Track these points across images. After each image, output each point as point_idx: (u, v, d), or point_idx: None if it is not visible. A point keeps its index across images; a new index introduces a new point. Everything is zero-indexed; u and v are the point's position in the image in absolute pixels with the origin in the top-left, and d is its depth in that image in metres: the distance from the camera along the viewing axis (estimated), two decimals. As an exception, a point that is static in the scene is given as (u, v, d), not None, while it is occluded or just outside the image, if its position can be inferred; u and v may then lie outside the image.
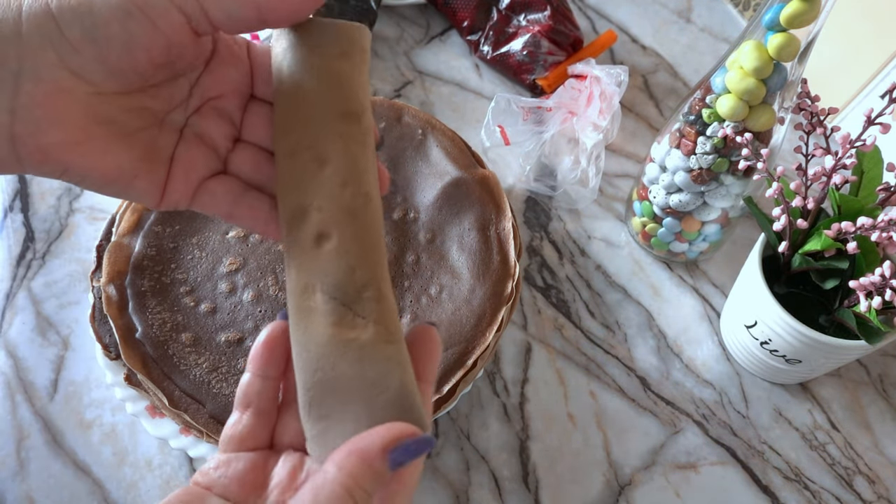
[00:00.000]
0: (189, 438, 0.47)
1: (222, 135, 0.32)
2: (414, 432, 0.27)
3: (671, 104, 0.68)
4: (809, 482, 0.50)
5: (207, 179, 0.31)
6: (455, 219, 0.55)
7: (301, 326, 0.28)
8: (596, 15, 0.74)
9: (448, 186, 0.56)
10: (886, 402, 0.54)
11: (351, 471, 0.26)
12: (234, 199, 0.31)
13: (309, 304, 0.28)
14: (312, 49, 0.29)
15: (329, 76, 0.29)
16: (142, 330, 0.49)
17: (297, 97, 0.29)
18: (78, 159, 0.26)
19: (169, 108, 0.30)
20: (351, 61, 0.29)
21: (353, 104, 0.29)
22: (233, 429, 0.30)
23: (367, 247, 0.29)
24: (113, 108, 0.27)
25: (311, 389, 0.28)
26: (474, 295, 0.51)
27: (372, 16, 0.68)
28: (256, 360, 0.30)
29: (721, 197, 0.51)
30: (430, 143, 0.58)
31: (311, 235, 0.28)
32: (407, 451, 0.27)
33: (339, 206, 0.28)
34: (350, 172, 0.29)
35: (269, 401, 0.30)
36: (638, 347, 0.55)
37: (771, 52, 0.42)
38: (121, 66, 0.26)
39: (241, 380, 0.30)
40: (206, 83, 0.31)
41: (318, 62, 0.29)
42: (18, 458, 0.49)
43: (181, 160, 0.30)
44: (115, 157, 0.27)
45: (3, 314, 0.55)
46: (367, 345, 0.28)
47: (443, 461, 0.50)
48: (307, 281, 0.28)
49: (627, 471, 0.50)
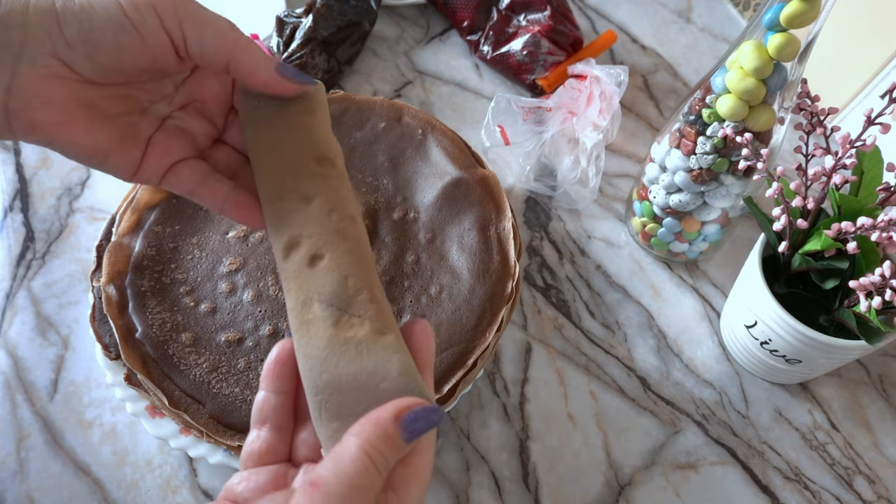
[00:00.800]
0: (189, 438, 0.47)
1: (203, 132, 0.35)
2: (420, 402, 0.29)
3: (671, 104, 0.68)
4: (809, 482, 0.50)
5: (178, 162, 0.34)
6: (455, 219, 0.55)
7: (304, 338, 0.30)
8: (596, 15, 0.74)
9: (448, 186, 0.56)
10: (886, 402, 0.54)
11: (368, 437, 0.28)
12: (198, 179, 0.34)
13: (308, 316, 0.30)
14: (280, 108, 0.33)
15: (301, 130, 0.33)
16: (142, 330, 0.49)
17: (276, 149, 0.33)
18: (62, 135, 0.30)
19: (153, 99, 0.34)
20: (316, 116, 0.34)
21: (326, 150, 0.33)
22: (252, 445, 0.31)
23: (358, 260, 0.31)
24: (97, 95, 0.31)
25: (319, 392, 0.29)
26: (474, 295, 0.51)
27: (372, 16, 0.68)
28: (269, 377, 0.32)
29: (721, 197, 0.51)
30: (430, 143, 0.58)
31: (305, 259, 0.31)
32: (417, 419, 0.28)
33: (328, 230, 0.31)
34: (334, 201, 0.32)
35: (285, 416, 0.32)
36: (638, 347, 0.55)
37: (771, 52, 0.42)
38: (108, 66, 0.30)
39: (256, 398, 0.32)
40: (191, 87, 0.35)
41: (289, 119, 0.33)
42: (18, 457, 0.49)
43: (158, 144, 0.34)
44: (95, 137, 0.31)
45: (3, 314, 0.55)
46: (363, 339, 0.29)
47: (443, 461, 0.50)
48: (305, 296, 0.30)
49: (627, 471, 0.50)
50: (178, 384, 0.47)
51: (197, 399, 0.47)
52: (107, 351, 0.49)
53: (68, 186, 0.61)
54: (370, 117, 0.60)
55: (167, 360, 0.48)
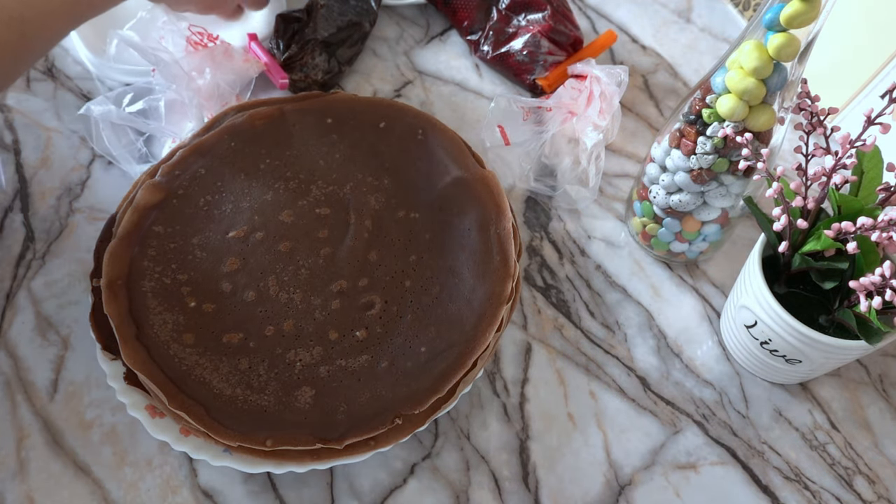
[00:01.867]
0: (190, 438, 0.47)
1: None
2: None
3: (671, 104, 0.68)
4: (809, 482, 0.50)
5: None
6: (455, 219, 0.55)
7: None
8: (596, 15, 0.74)
9: (448, 186, 0.56)
10: (886, 402, 0.54)
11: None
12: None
13: None
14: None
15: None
16: (142, 331, 0.49)
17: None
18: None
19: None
20: None
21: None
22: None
23: None
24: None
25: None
26: (474, 295, 0.51)
27: (372, 16, 0.68)
28: None
29: (721, 197, 0.51)
30: (430, 142, 0.58)
31: None
32: None
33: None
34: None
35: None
36: (638, 347, 0.55)
37: (771, 52, 0.42)
38: None
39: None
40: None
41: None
42: (18, 457, 0.49)
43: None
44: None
45: (3, 314, 0.55)
46: None
47: (443, 461, 0.50)
48: None
49: (627, 471, 0.50)
50: (178, 385, 0.47)
51: (198, 399, 0.47)
52: (107, 351, 0.49)
53: (68, 186, 0.61)
54: (371, 117, 0.60)
55: (168, 360, 0.48)
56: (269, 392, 0.47)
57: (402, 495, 0.49)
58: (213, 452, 0.46)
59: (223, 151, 0.57)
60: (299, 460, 0.46)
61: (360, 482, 0.49)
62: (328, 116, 0.59)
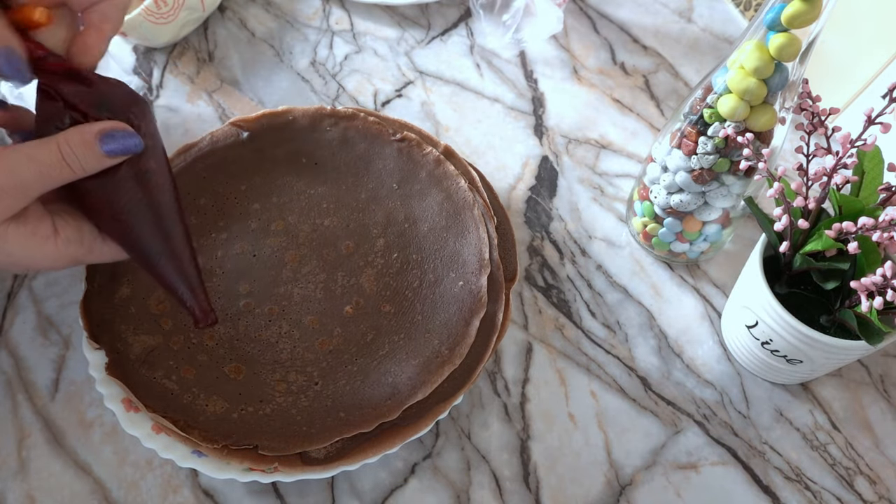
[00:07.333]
0: (160, 437, 0.46)
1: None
2: (124, 127, 0.36)
3: (672, 104, 0.68)
4: (810, 482, 0.50)
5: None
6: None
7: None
8: (596, 14, 0.74)
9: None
10: (887, 402, 0.53)
11: (66, 136, 0.35)
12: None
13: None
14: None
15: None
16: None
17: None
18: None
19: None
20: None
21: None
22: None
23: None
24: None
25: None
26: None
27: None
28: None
29: (722, 197, 0.51)
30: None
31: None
32: (116, 138, 0.36)
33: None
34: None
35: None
36: (639, 347, 0.55)
37: (772, 52, 0.42)
38: None
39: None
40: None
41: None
42: (19, 457, 0.49)
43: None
44: None
45: (4, 313, 0.55)
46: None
47: (443, 461, 0.50)
48: None
49: (628, 471, 0.50)
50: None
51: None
52: (91, 340, 0.49)
53: (69, 186, 0.61)
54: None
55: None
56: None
57: (403, 495, 0.49)
58: (182, 453, 0.46)
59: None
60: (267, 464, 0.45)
61: (360, 482, 0.49)
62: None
